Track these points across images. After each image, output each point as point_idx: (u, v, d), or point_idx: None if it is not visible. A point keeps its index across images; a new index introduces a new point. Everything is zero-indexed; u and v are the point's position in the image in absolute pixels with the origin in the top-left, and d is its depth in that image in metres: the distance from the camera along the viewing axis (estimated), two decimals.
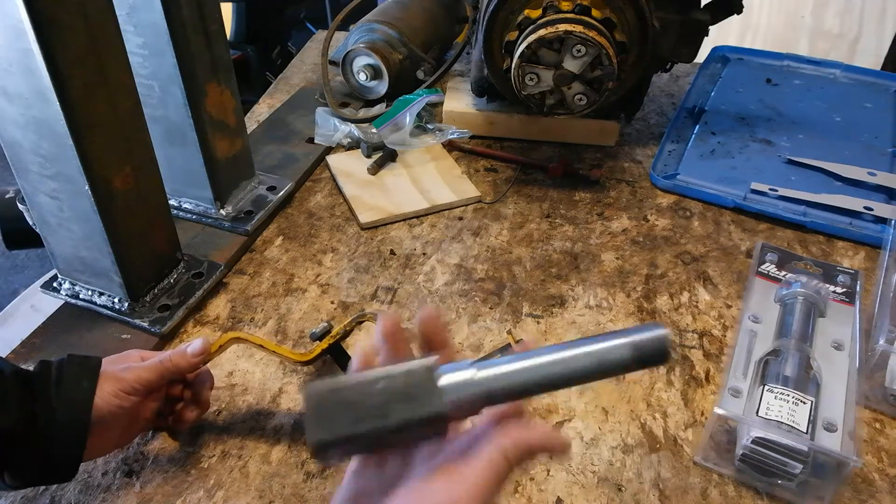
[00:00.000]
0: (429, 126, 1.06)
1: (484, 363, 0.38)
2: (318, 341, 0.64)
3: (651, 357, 0.37)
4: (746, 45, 1.55)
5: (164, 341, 0.74)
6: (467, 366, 0.38)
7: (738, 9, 0.99)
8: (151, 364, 0.58)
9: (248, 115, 1.16)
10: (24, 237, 0.76)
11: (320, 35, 1.43)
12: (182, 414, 0.62)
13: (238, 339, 0.64)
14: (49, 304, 0.77)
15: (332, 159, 1.03)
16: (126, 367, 0.57)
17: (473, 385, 0.37)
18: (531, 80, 0.89)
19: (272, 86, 1.26)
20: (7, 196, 0.76)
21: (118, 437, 0.58)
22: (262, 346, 0.64)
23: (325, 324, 0.64)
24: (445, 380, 0.38)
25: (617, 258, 0.87)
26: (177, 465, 0.63)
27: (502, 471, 0.37)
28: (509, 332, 0.61)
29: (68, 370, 0.54)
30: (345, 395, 0.38)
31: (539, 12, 0.88)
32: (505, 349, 0.61)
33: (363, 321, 0.63)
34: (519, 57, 0.87)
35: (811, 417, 0.60)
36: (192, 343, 0.60)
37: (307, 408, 0.38)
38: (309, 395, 0.38)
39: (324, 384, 0.38)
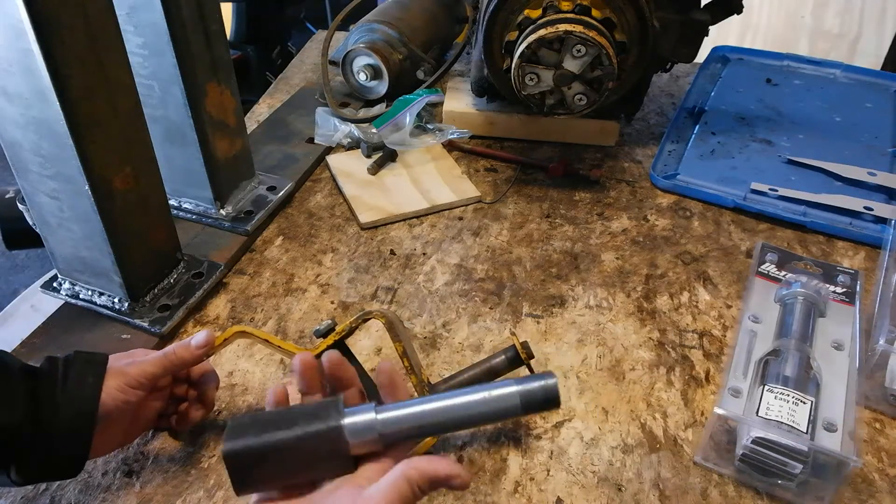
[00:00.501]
0: (429, 126, 1.06)
1: (384, 406, 0.43)
2: (322, 338, 0.64)
3: (539, 405, 0.40)
4: (746, 45, 1.55)
5: (164, 341, 0.74)
6: (370, 407, 0.43)
7: (738, 9, 0.99)
8: (155, 358, 0.58)
9: (248, 115, 1.16)
10: (24, 237, 0.76)
11: (320, 35, 1.43)
12: (187, 413, 0.61)
13: (243, 333, 0.63)
14: (49, 304, 0.77)
15: (332, 159, 1.03)
16: (130, 362, 0.57)
17: (374, 422, 0.42)
18: (531, 80, 0.89)
19: (272, 86, 1.26)
20: (7, 196, 0.76)
21: (121, 435, 0.58)
22: (267, 340, 0.63)
23: (330, 321, 0.64)
24: (349, 414, 0.42)
25: (617, 258, 0.87)
26: (177, 465, 0.63)
27: (406, 497, 0.39)
28: (513, 334, 0.60)
29: (74, 367, 0.54)
30: (259, 418, 0.43)
31: (539, 12, 0.88)
32: (509, 350, 0.61)
33: (369, 318, 0.62)
34: (519, 57, 0.87)
35: (811, 417, 0.60)
36: (196, 335, 0.60)
37: (226, 431, 0.42)
38: (231, 420, 0.44)
39: (245, 414, 0.43)
